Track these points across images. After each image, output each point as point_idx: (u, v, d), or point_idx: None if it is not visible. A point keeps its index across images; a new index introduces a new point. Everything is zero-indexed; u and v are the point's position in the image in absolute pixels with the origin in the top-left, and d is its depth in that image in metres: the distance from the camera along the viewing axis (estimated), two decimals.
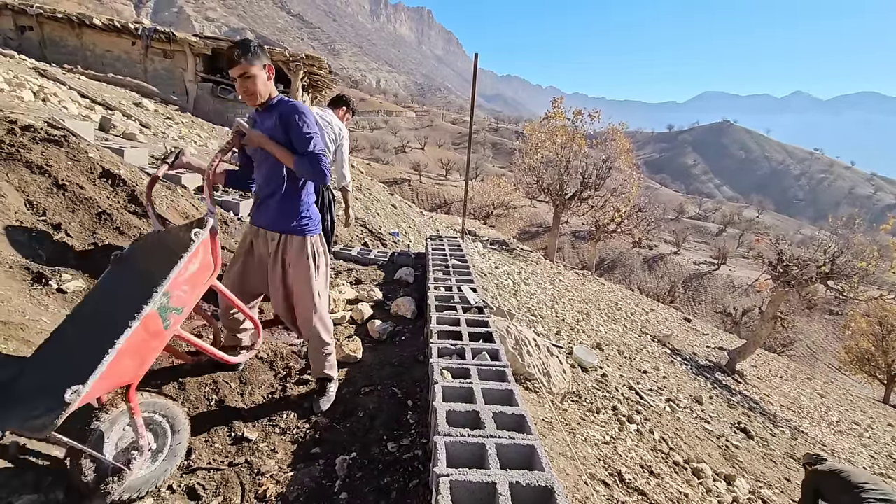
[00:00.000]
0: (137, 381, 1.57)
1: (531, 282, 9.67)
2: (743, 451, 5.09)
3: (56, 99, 7.31)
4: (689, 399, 6.49)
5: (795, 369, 16.99)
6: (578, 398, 3.68)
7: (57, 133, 3.71)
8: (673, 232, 47.04)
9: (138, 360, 1.53)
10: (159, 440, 1.75)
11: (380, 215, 8.50)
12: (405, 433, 2.28)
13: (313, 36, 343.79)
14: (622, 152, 20.98)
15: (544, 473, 1.53)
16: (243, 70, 1.92)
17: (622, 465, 2.79)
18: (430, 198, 47.54)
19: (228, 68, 1.93)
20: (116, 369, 1.43)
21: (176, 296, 1.63)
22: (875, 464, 7.85)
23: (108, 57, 15.08)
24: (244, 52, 1.90)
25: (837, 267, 10.97)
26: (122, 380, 1.50)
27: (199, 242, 1.74)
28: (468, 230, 17.06)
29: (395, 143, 79.76)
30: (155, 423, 1.74)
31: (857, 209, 17.68)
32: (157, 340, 1.59)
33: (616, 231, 23.38)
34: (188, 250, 1.69)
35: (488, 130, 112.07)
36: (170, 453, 1.78)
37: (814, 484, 3.23)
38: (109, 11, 16.35)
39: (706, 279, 39.25)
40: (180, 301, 1.66)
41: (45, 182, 3.23)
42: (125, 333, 1.44)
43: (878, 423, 12.06)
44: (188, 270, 1.68)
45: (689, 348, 11.78)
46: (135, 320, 1.46)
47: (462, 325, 2.94)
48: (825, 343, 32.50)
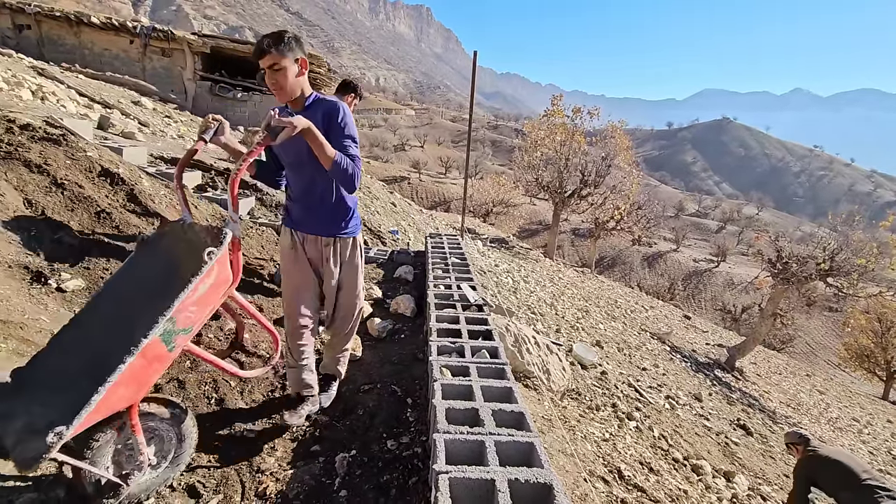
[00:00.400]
0: (138, 400, 1.53)
1: (531, 279, 9.67)
2: (742, 447, 5.10)
3: (54, 97, 7.30)
4: (689, 396, 6.50)
5: (795, 366, 17.01)
6: (578, 395, 3.69)
7: (55, 132, 3.71)
8: (672, 229, 47.05)
9: (136, 385, 1.45)
10: (164, 446, 1.72)
11: (379, 213, 8.50)
12: (405, 431, 2.29)
13: (312, 34, 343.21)
14: (621, 150, 20.95)
15: (543, 470, 1.54)
16: (273, 61, 1.77)
17: (622, 462, 2.80)
18: (430, 196, 47.52)
19: (258, 58, 1.79)
20: (109, 401, 1.36)
21: (183, 318, 1.53)
22: (874, 460, 7.87)
23: (107, 55, 15.05)
24: (275, 41, 1.76)
25: (837, 264, 10.98)
26: (119, 406, 1.44)
27: (213, 263, 1.58)
28: (468, 228, 17.05)
29: (394, 141, 79.69)
30: (161, 431, 1.70)
31: (857, 206, 17.70)
32: (159, 363, 1.51)
33: (615, 229, 23.37)
34: (199, 272, 1.54)
35: (488, 128, 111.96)
36: (174, 461, 1.75)
37: (809, 470, 3.08)
38: (107, 10, 16.30)
39: (706, 276, 39.28)
40: (188, 321, 1.56)
41: (43, 181, 3.23)
42: (119, 369, 1.34)
43: (877, 419, 12.08)
44: (198, 292, 1.55)
45: (689, 345, 11.79)
46: (130, 355, 1.37)
47: (461, 322, 2.94)
48: (825, 340, 32.55)
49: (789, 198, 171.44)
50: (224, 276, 1.67)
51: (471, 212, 28.16)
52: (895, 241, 12.24)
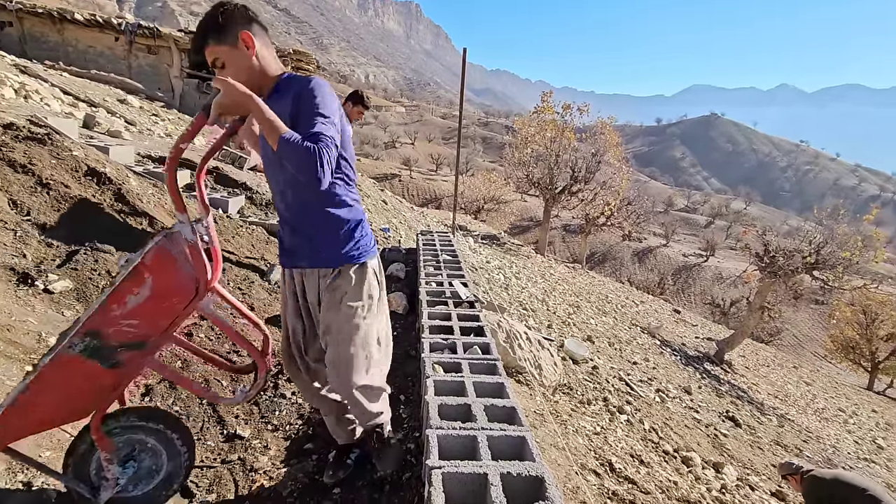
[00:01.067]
0: (103, 411, 1.47)
1: (522, 276, 9.71)
2: (731, 439, 5.19)
3: (38, 96, 7.18)
4: (679, 389, 6.58)
5: (782, 358, 17.29)
6: (569, 390, 3.73)
7: (40, 131, 3.66)
8: (662, 224, 47.50)
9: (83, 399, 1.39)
10: (157, 461, 1.63)
11: (370, 211, 8.47)
12: (398, 428, 2.30)
13: (300, 31, 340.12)
14: (611, 146, 21.07)
15: (535, 463, 1.56)
16: (213, 56, 1.42)
17: (613, 455, 2.84)
18: (421, 193, 47.45)
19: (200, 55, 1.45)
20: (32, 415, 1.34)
21: (120, 332, 1.36)
22: (859, 449, 8.04)
23: (91, 53, 14.81)
24: (211, 28, 1.40)
25: (822, 257, 11.17)
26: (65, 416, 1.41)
27: (127, 272, 1.35)
28: (459, 225, 17.06)
29: (384, 138, 79.45)
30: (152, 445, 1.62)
31: (842, 200, 17.98)
32: (106, 378, 1.40)
33: (606, 224, 23.55)
34: (113, 282, 1.37)
35: (478, 125, 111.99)
36: (168, 479, 1.64)
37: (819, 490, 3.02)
38: (91, 6, 16.07)
39: (695, 271, 39.72)
40: (130, 336, 1.38)
41: (28, 181, 3.19)
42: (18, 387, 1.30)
43: (862, 409, 12.33)
44: (126, 305, 1.35)
45: (679, 339, 11.93)
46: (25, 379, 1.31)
47: (453, 319, 2.95)
48: (811, 332, 33.10)
49: (776, 192, 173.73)
50: (173, 284, 1.42)
51: (462, 209, 28.18)
52: (879, 234, 12.47)
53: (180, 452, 1.65)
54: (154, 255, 1.38)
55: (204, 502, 1.79)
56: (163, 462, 1.63)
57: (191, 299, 1.46)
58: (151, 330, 1.43)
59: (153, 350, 1.48)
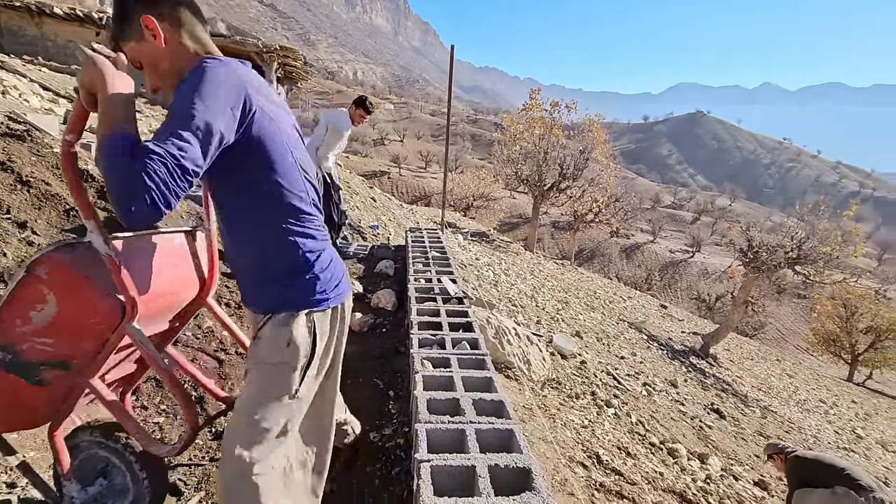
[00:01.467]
0: (60, 424, 1.39)
1: (511, 272, 9.76)
2: (716, 430, 5.28)
3: (16, 92, 7.01)
4: (665, 382, 6.68)
5: (766, 351, 17.63)
6: (558, 385, 3.76)
7: (19, 127, 3.58)
8: (649, 221, 48.08)
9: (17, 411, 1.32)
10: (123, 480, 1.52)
11: (359, 208, 8.45)
12: (387, 423, 2.31)
13: (287, 26, 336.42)
14: (599, 143, 21.23)
15: (522, 455, 1.58)
16: (129, 54, 1.13)
17: (600, 448, 2.88)
18: (410, 190, 47.34)
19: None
20: None
21: (31, 349, 1.24)
22: (839, 439, 8.24)
23: (71, 47, 14.49)
24: (112, 33, 1.17)
25: (804, 252, 11.42)
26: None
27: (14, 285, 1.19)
28: (448, 222, 17.08)
29: (373, 135, 79.00)
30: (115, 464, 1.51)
31: (823, 196, 18.34)
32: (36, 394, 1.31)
33: (594, 221, 23.75)
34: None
35: (467, 122, 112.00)
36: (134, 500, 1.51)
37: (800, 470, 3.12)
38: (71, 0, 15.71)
39: (681, 266, 40.28)
40: (47, 355, 1.25)
41: (7, 178, 3.12)
42: None
43: (842, 400, 12.64)
44: (32, 320, 1.21)
45: (665, 334, 12.09)
46: None
47: (442, 315, 2.96)
48: (794, 326, 33.79)
49: (760, 189, 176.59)
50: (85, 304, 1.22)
51: (451, 206, 28.20)
52: (858, 229, 12.77)
53: (139, 478, 1.50)
54: (51, 270, 1.19)
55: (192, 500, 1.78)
56: (128, 483, 1.52)
57: (117, 322, 1.25)
58: (72, 351, 1.28)
59: (85, 373, 1.33)
